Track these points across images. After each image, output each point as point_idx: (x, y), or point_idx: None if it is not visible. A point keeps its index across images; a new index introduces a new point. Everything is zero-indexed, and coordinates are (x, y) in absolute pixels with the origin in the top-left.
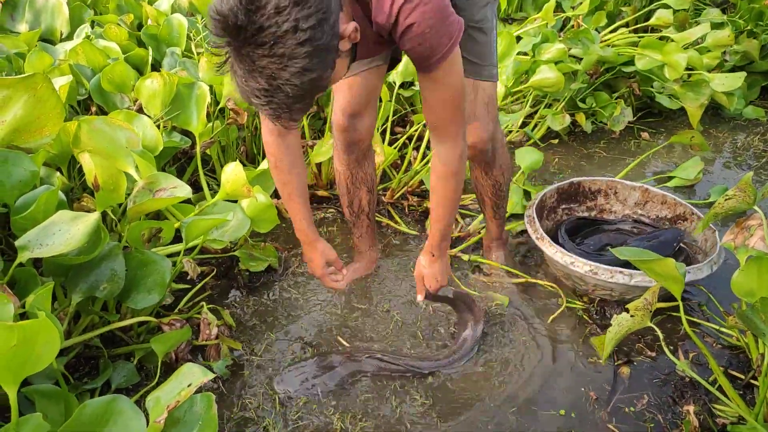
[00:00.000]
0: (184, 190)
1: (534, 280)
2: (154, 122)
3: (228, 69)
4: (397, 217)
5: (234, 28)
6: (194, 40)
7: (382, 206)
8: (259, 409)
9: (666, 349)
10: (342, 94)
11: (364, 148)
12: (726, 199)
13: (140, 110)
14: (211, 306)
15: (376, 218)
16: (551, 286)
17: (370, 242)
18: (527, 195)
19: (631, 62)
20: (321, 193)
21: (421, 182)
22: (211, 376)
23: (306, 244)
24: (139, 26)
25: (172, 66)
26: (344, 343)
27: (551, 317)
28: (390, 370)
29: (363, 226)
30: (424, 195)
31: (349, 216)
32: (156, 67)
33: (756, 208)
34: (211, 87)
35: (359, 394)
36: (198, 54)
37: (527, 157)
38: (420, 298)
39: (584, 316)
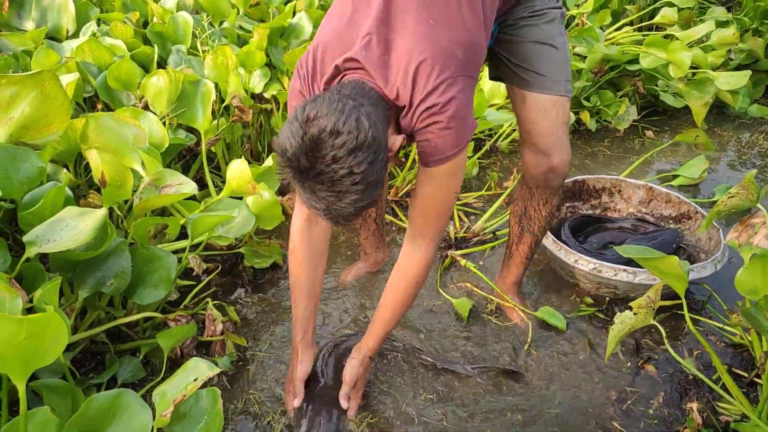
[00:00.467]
0: (190, 187)
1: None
2: (160, 119)
3: (291, 184)
4: (401, 215)
5: (296, 168)
6: (199, 37)
7: (386, 204)
8: (264, 404)
9: (669, 348)
10: None
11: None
12: (729, 197)
13: (146, 107)
14: (216, 302)
15: None
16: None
17: (376, 244)
18: None
19: (635, 60)
20: None
21: None
22: (217, 370)
23: (293, 348)
24: (145, 24)
25: (177, 63)
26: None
27: (563, 314)
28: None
29: (370, 228)
30: None
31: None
32: (161, 64)
33: (759, 206)
34: (216, 84)
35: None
36: (203, 51)
37: None
38: (353, 411)
39: (598, 315)
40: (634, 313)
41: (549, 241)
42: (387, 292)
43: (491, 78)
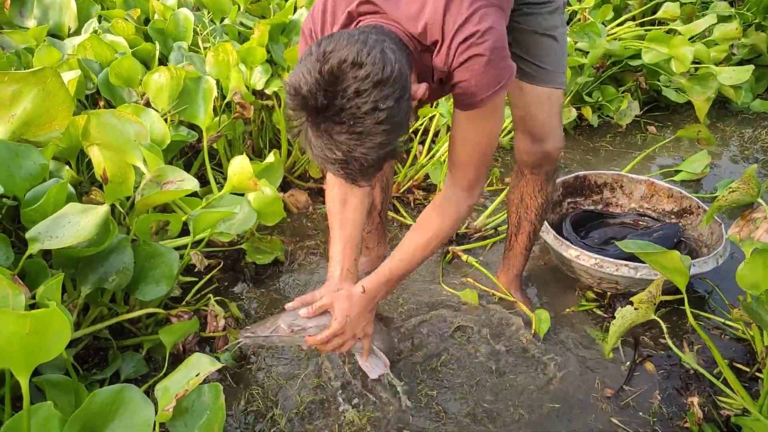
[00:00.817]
0: (191, 183)
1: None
2: (162, 116)
3: (302, 137)
4: (402, 211)
5: (312, 106)
6: (201, 34)
7: (389, 199)
8: (267, 400)
9: (670, 342)
10: None
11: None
12: (730, 192)
13: (147, 104)
14: (218, 298)
15: None
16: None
17: (378, 239)
18: None
19: (637, 56)
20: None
21: (427, 176)
22: (219, 366)
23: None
24: (146, 21)
25: (178, 60)
26: None
27: (565, 311)
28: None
29: (374, 222)
30: (429, 189)
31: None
32: (163, 61)
33: (760, 200)
34: (218, 81)
35: (368, 381)
36: (205, 48)
37: None
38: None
39: (597, 312)
40: (635, 308)
41: (550, 237)
42: (415, 233)
43: None
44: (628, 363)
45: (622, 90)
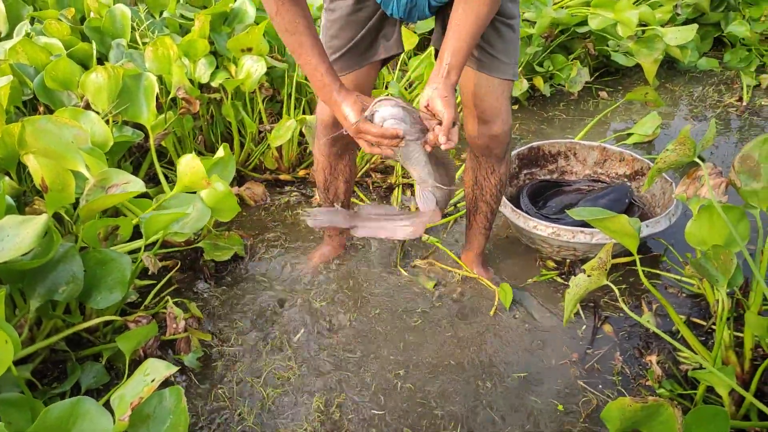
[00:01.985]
0: (137, 185)
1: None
2: (103, 117)
3: None
4: (361, 195)
5: None
6: (138, 29)
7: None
8: (233, 398)
9: (624, 306)
10: None
11: (347, 143)
12: (667, 154)
13: (87, 106)
14: (177, 299)
15: None
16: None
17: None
18: None
19: (584, 22)
20: (284, 176)
21: (383, 158)
22: (174, 369)
23: (329, 100)
24: (82, 20)
25: (118, 58)
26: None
27: (527, 282)
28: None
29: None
30: (387, 171)
31: (324, 200)
32: (103, 60)
33: (697, 159)
34: (160, 77)
35: (334, 371)
36: (144, 44)
37: None
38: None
39: (558, 280)
40: (588, 276)
41: (508, 210)
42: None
43: (436, 56)
44: (584, 327)
45: (572, 57)
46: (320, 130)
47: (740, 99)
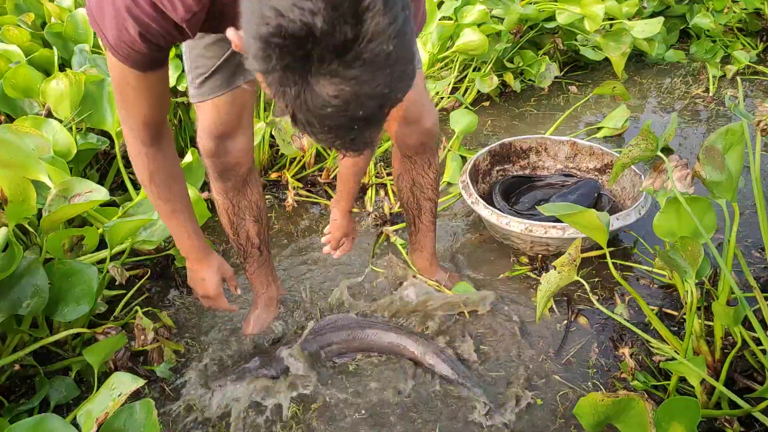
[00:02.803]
0: (101, 194)
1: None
2: (65, 125)
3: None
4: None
5: (331, 43)
6: None
7: (318, 186)
8: (207, 409)
9: (594, 301)
10: (206, 114)
11: (242, 174)
12: (630, 150)
13: (49, 114)
14: (147, 309)
15: (314, 199)
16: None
17: (266, 279)
18: (464, 161)
19: (552, 18)
20: None
21: None
22: (141, 383)
23: (196, 261)
24: (43, 25)
25: (81, 64)
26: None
27: (500, 277)
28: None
29: (253, 259)
30: None
31: (237, 247)
32: (65, 67)
33: (660, 153)
34: None
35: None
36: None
37: (461, 120)
38: (342, 253)
39: (532, 275)
40: (558, 272)
41: (480, 207)
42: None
43: None
44: (562, 323)
45: (541, 53)
46: (207, 164)
47: (707, 90)
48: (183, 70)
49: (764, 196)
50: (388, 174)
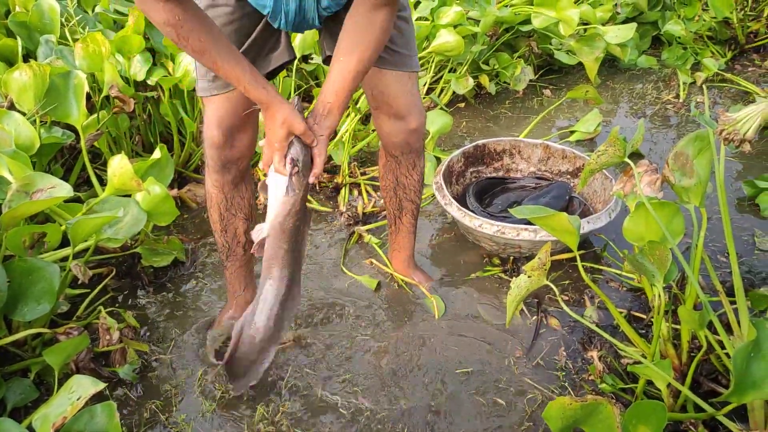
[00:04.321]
0: (64, 189)
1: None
2: (29, 118)
3: None
4: (309, 196)
5: None
6: (68, 25)
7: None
8: (172, 411)
9: (563, 305)
10: (217, 105)
11: (242, 169)
12: (599, 156)
13: (12, 106)
14: (111, 309)
15: None
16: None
17: (245, 280)
18: (438, 162)
19: (528, 21)
20: None
21: (330, 158)
22: (102, 386)
23: (263, 109)
24: (7, 14)
25: (47, 55)
26: None
27: (471, 277)
28: None
29: (237, 258)
30: (334, 171)
31: (222, 245)
32: (30, 57)
33: (627, 160)
34: (92, 75)
35: (278, 378)
36: (75, 40)
37: (437, 121)
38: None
39: (503, 276)
40: (528, 276)
41: (453, 208)
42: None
43: (324, 61)
44: (533, 319)
45: (517, 56)
46: (210, 155)
47: (677, 96)
48: (153, 64)
49: (730, 202)
50: (362, 174)
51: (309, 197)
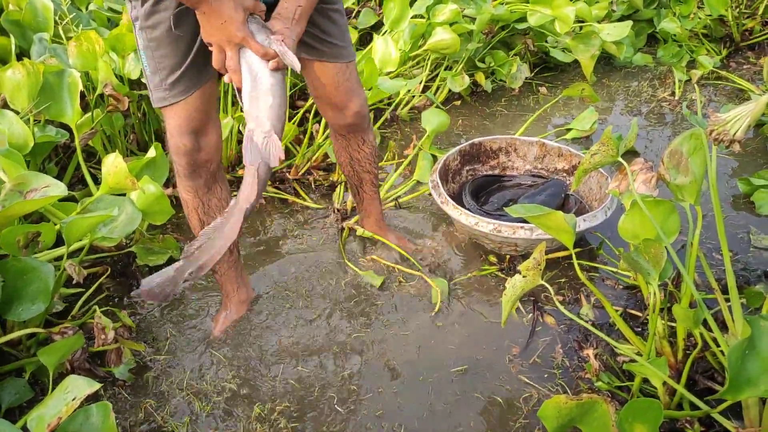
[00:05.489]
0: (58, 189)
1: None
2: (22, 117)
3: None
4: (303, 194)
5: None
6: (62, 23)
7: (287, 183)
8: (166, 411)
9: (558, 304)
10: (177, 113)
11: (213, 170)
12: (592, 155)
13: (5, 105)
14: (107, 308)
15: (281, 196)
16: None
17: (236, 281)
18: (435, 160)
19: (523, 19)
20: None
21: (326, 156)
22: (97, 387)
23: (206, 3)
24: (1, 12)
25: (41, 53)
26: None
27: (467, 276)
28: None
29: (224, 261)
30: (329, 169)
31: None
32: (23, 56)
33: (620, 159)
34: (86, 73)
35: (274, 378)
36: (69, 38)
37: (433, 120)
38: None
39: (499, 275)
40: (523, 276)
41: (449, 206)
42: None
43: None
44: (529, 316)
45: (512, 54)
46: (179, 162)
47: (673, 93)
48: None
49: (726, 199)
50: None
51: (305, 196)
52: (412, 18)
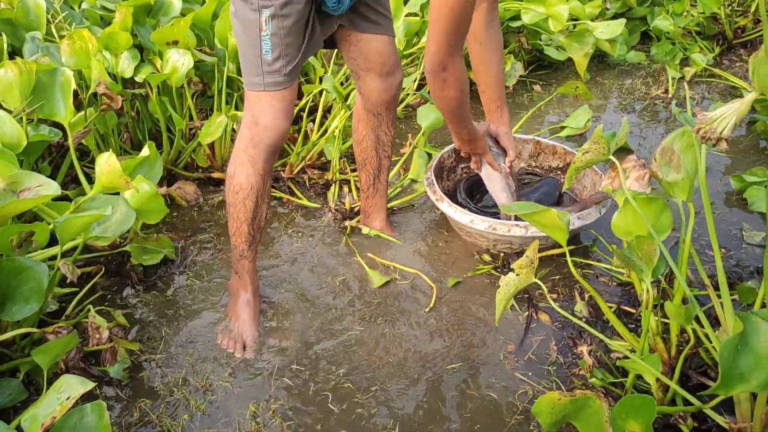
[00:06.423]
0: (52, 188)
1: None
2: (15, 116)
3: None
4: (298, 193)
5: None
6: (54, 21)
7: (282, 182)
8: (162, 410)
9: (551, 302)
10: (286, 96)
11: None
12: (583, 154)
13: None
14: (100, 308)
15: (276, 194)
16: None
17: (255, 268)
18: (430, 157)
19: (518, 17)
20: (216, 175)
21: (321, 154)
22: (91, 386)
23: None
24: None
25: (33, 52)
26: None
27: (462, 274)
28: None
29: (256, 245)
30: (324, 167)
31: (247, 235)
32: (15, 55)
33: (611, 157)
34: (79, 72)
35: (269, 376)
36: (61, 37)
37: (428, 117)
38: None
39: (494, 273)
40: (517, 274)
41: (445, 205)
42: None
43: (328, 40)
44: (541, 315)
45: (507, 52)
46: (267, 144)
47: (666, 91)
48: (141, 60)
49: (719, 196)
50: (353, 170)
51: (300, 194)
52: (406, 16)
